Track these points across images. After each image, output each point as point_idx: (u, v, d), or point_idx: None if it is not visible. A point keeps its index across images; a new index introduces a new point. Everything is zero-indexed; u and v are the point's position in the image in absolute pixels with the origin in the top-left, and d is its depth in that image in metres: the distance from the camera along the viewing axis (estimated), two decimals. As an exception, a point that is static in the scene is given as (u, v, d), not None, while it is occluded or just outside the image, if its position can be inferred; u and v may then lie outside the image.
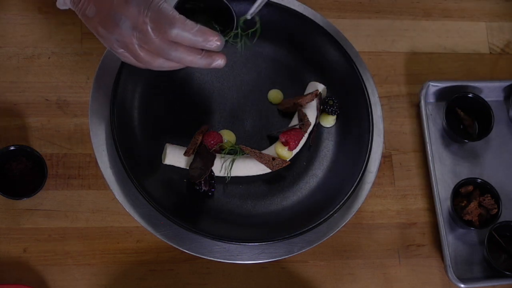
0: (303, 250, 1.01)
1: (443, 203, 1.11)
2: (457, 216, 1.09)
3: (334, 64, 1.10)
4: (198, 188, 1.01)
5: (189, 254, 0.99)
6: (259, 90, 1.10)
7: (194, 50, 0.87)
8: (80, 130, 1.08)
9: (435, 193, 1.11)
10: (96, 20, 0.87)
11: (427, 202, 1.13)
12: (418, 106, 1.18)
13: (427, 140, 1.13)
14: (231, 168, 1.02)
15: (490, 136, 1.15)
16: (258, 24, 0.96)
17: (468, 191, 1.12)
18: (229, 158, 1.02)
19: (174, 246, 0.98)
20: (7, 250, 1.02)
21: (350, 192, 1.02)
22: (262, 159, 1.02)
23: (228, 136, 1.05)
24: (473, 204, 1.09)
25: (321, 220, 1.00)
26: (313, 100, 1.06)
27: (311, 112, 1.06)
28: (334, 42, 1.09)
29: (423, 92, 1.16)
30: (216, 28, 0.93)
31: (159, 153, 1.03)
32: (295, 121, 1.06)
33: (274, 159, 1.02)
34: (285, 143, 1.03)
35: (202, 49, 0.87)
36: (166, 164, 1.02)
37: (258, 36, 0.97)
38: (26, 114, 1.08)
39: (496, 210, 1.10)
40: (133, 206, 0.99)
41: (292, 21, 1.09)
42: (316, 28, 1.09)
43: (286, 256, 1.01)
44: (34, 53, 1.11)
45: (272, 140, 1.07)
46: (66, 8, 0.94)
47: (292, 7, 1.10)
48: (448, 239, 1.10)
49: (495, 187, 1.11)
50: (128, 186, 0.99)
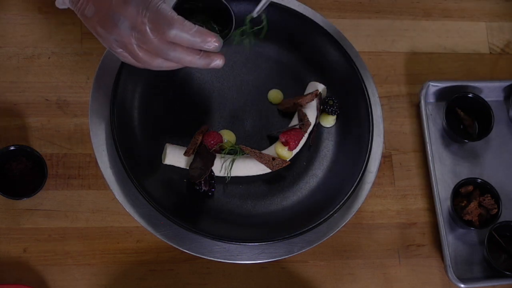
0: (303, 250, 1.01)
1: (443, 203, 1.11)
2: (457, 216, 1.09)
3: (334, 64, 1.10)
4: (198, 188, 1.01)
5: (189, 254, 0.99)
6: (259, 90, 1.10)
7: (193, 50, 0.87)
8: (80, 130, 1.08)
9: (435, 193, 1.11)
10: (95, 20, 0.87)
11: (427, 202, 1.13)
12: (418, 106, 1.18)
13: (427, 140, 1.13)
14: (231, 168, 1.02)
15: (490, 136, 1.15)
16: (264, 22, 0.96)
17: (468, 191, 1.12)
18: (229, 158, 1.02)
19: (174, 246, 0.98)
20: (7, 250, 1.02)
21: (350, 192, 1.02)
22: (262, 159, 1.02)
23: (228, 136, 1.05)
24: (473, 204, 1.09)
25: (321, 220, 1.00)
26: (313, 100, 1.06)
27: (311, 112, 1.06)
28: (334, 42, 1.09)
29: (423, 92, 1.16)
30: (214, 28, 0.93)
31: (159, 153, 1.03)
32: (295, 121, 1.06)
33: (274, 159, 1.02)
34: (285, 143, 1.03)
35: (201, 49, 0.87)
36: (166, 164, 1.02)
37: (265, 34, 0.97)
38: (26, 114, 1.08)
39: (496, 210, 1.10)
40: (133, 206, 0.99)
41: (292, 21, 1.09)
42: (316, 28, 1.09)
43: (286, 256, 1.01)
44: (34, 53, 1.11)
45: (272, 140, 1.07)
46: (65, 7, 0.94)
47: (292, 7, 1.10)
48: (448, 239, 1.10)
49: (495, 187, 1.11)
50: (128, 186, 0.99)
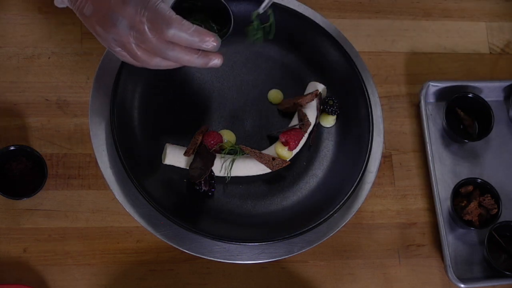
0: (303, 250, 1.01)
1: (443, 203, 1.11)
2: (457, 216, 1.09)
3: (334, 64, 1.10)
4: (198, 188, 1.01)
5: (189, 254, 0.99)
6: (259, 90, 1.10)
7: (191, 49, 0.87)
8: (80, 130, 1.08)
9: (435, 193, 1.11)
10: (94, 19, 0.87)
11: (427, 202, 1.13)
12: (418, 106, 1.18)
13: (427, 140, 1.13)
14: (231, 168, 1.02)
15: (490, 136, 1.15)
16: (271, 19, 0.97)
17: (468, 191, 1.12)
18: (229, 158, 1.02)
19: (174, 246, 0.98)
20: (7, 250, 1.02)
21: (350, 192, 1.02)
22: (262, 159, 1.02)
23: (228, 136, 1.05)
24: (473, 204, 1.09)
25: (321, 220, 1.00)
26: (313, 100, 1.06)
27: (311, 112, 1.06)
28: (334, 42, 1.09)
29: (423, 92, 1.16)
30: (213, 27, 0.94)
31: (159, 153, 1.03)
32: (295, 121, 1.06)
33: (274, 159, 1.02)
34: (285, 143, 1.03)
35: (199, 49, 0.87)
36: (166, 164, 1.02)
37: (274, 32, 0.97)
38: (26, 114, 1.08)
39: (496, 210, 1.10)
40: (133, 206, 0.99)
41: (292, 21, 1.09)
42: (316, 28, 1.09)
43: (286, 256, 1.01)
44: (34, 53, 1.11)
45: (272, 140, 1.07)
46: (64, 6, 0.94)
47: (292, 7, 1.10)
48: (448, 239, 1.10)
49: (495, 187, 1.11)
50: (128, 186, 0.99)
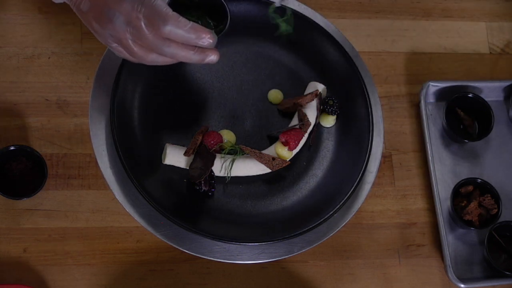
0: (303, 250, 1.01)
1: (443, 203, 1.11)
2: (457, 216, 1.09)
3: (334, 64, 1.10)
4: (198, 188, 1.01)
5: (189, 254, 0.99)
6: (259, 90, 1.10)
7: (187, 46, 0.87)
8: (80, 130, 1.08)
9: (435, 193, 1.11)
10: (91, 15, 0.87)
11: (427, 202, 1.13)
12: (418, 106, 1.18)
13: (427, 140, 1.13)
14: (231, 168, 1.02)
15: (490, 136, 1.15)
16: (289, 12, 0.99)
17: (468, 191, 1.12)
18: (229, 158, 1.02)
19: (174, 246, 0.98)
20: (7, 250, 1.02)
21: (350, 192, 1.01)
22: (262, 159, 1.02)
23: (228, 136, 1.05)
24: (473, 204, 1.09)
25: (321, 220, 1.00)
26: (313, 100, 1.06)
27: (311, 112, 1.06)
28: (334, 42, 1.09)
29: (423, 92, 1.16)
30: (210, 24, 0.93)
31: (159, 153, 1.03)
32: (295, 121, 1.06)
33: (274, 159, 1.02)
34: (285, 143, 1.03)
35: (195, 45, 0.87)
36: (166, 164, 1.02)
37: (292, 21, 1.00)
38: (26, 114, 1.08)
39: (496, 210, 1.10)
40: (133, 206, 0.99)
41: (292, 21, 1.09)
42: (316, 28, 1.09)
43: (286, 256, 1.01)
44: (34, 53, 1.11)
45: (272, 140, 1.07)
46: (61, 1, 0.93)
47: (292, 7, 1.10)
48: (448, 239, 1.10)
49: (495, 187, 1.11)
50: (128, 186, 0.99)
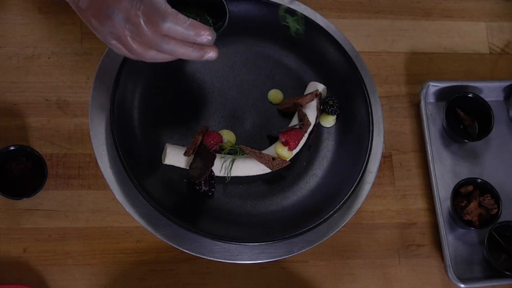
0: (303, 250, 1.01)
1: (443, 203, 1.11)
2: (457, 216, 1.09)
3: (334, 64, 1.10)
4: (198, 188, 1.01)
5: (189, 254, 0.99)
6: (259, 90, 1.10)
7: (186, 43, 0.87)
8: (80, 130, 1.08)
9: (435, 193, 1.11)
10: (89, 12, 0.86)
11: (427, 202, 1.13)
12: (418, 106, 1.18)
13: (427, 140, 1.13)
14: (231, 168, 1.02)
15: (490, 136, 1.15)
16: (299, 13, 1.01)
17: (468, 191, 1.12)
18: (229, 158, 1.02)
19: (174, 246, 0.98)
20: (7, 250, 1.02)
21: (350, 192, 1.01)
22: (262, 159, 1.02)
23: (228, 136, 1.05)
24: (473, 204, 1.09)
25: (321, 220, 1.00)
26: (313, 100, 1.06)
27: (311, 112, 1.06)
28: (334, 42, 1.09)
29: (423, 92, 1.16)
30: (208, 21, 0.93)
31: (159, 153, 1.03)
32: (295, 121, 1.06)
33: (274, 159, 1.02)
34: (285, 143, 1.03)
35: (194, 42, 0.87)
36: (166, 164, 1.02)
37: (303, 21, 1.02)
38: (26, 114, 1.08)
39: (496, 210, 1.10)
40: (133, 206, 0.99)
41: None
42: (316, 28, 1.09)
43: (286, 256, 1.01)
44: (34, 53, 1.11)
45: (272, 140, 1.07)
46: None
47: (292, 7, 1.10)
48: (448, 239, 1.10)
49: (495, 187, 1.11)
50: (128, 186, 0.99)
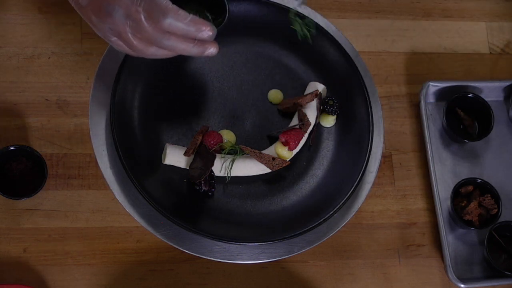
0: (303, 250, 1.01)
1: (443, 203, 1.11)
2: (457, 216, 1.09)
3: (334, 64, 1.10)
4: (198, 188, 1.01)
5: (189, 254, 0.99)
6: (259, 90, 1.10)
7: (187, 39, 0.87)
8: (80, 130, 1.08)
9: (435, 193, 1.11)
10: (89, 8, 0.86)
11: (427, 202, 1.13)
12: (418, 106, 1.18)
13: (427, 140, 1.13)
14: (231, 168, 1.02)
15: (490, 136, 1.15)
16: (307, 17, 1.02)
17: (468, 191, 1.12)
18: (229, 158, 1.02)
19: (174, 246, 0.98)
20: (7, 250, 1.02)
21: (350, 192, 1.01)
22: (262, 159, 1.02)
23: (228, 136, 1.05)
24: (473, 204, 1.09)
25: (321, 220, 1.00)
26: (313, 100, 1.06)
27: (311, 112, 1.06)
28: (334, 42, 1.09)
29: (423, 92, 1.16)
30: (208, 17, 0.93)
31: (159, 153, 1.03)
32: (295, 121, 1.06)
33: (274, 159, 1.02)
34: (285, 143, 1.03)
35: (195, 38, 0.87)
36: (166, 164, 1.02)
37: (313, 24, 1.03)
38: (26, 114, 1.08)
39: (496, 210, 1.10)
40: (133, 206, 0.99)
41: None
42: (316, 28, 1.09)
43: (286, 256, 1.01)
44: (34, 53, 1.11)
45: (272, 140, 1.07)
46: None
47: (292, 7, 1.10)
48: (448, 239, 1.10)
49: (495, 187, 1.11)
50: (128, 186, 0.99)
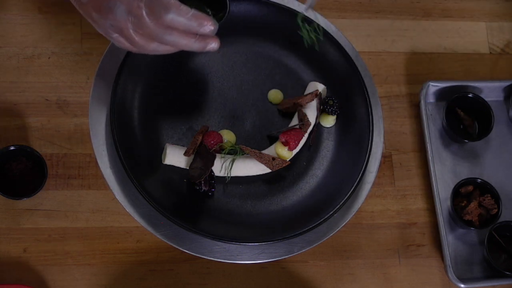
0: (303, 250, 1.01)
1: (443, 203, 1.11)
2: (457, 216, 1.09)
3: (334, 64, 1.10)
4: (198, 188, 1.01)
5: (189, 254, 0.99)
6: (259, 90, 1.10)
7: (189, 34, 0.86)
8: (80, 130, 1.08)
9: (435, 193, 1.11)
10: (90, 5, 0.86)
11: (427, 202, 1.13)
12: (418, 106, 1.18)
13: (427, 140, 1.13)
14: (231, 168, 1.02)
15: (490, 136, 1.15)
16: (315, 23, 1.02)
17: (468, 191, 1.12)
18: (229, 158, 1.02)
19: (174, 246, 0.98)
20: (7, 250, 1.02)
21: (350, 192, 1.01)
22: (262, 159, 1.02)
23: (228, 136, 1.05)
24: (473, 204, 1.09)
25: (321, 220, 1.00)
26: (313, 100, 1.06)
27: (311, 112, 1.06)
28: (334, 42, 1.09)
29: (423, 92, 1.16)
30: (208, 12, 0.93)
31: (159, 153, 1.03)
32: (295, 121, 1.06)
33: (274, 159, 1.02)
34: (285, 143, 1.03)
35: (196, 33, 0.87)
36: (166, 164, 1.02)
37: (321, 29, 1.03)
38: (26, 114, 1.08)
39: (496, 210, 1.10)
40: (133, 206, 0.99)
41: (292, 21, 1.09)
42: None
43: (286, 256, 1.01)
44: (34, 53, 1.11)
45: (272, 140, 1.07)
46: None
47: (292, 7, 1.10)
48: (448, 239, 1.10)
49: (495, 187, 1.11)
50: (128, 186, 0.99)
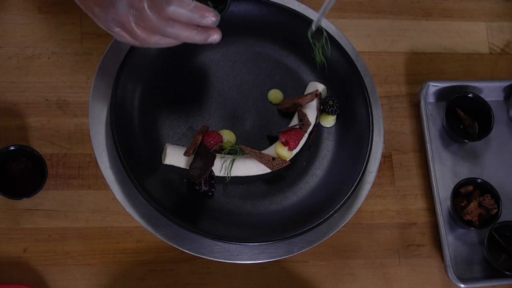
0: (303, 250, 1.01)
1: (443, 203, 1.11)
2: (457, 216, 1.09)
3: (334, 64, 1.10)
4: (198, 188, 1.01)
5: (189, 254, 0.99)
6: (259, 90, 1.10)
7: (190, 26, 0.86)
8: (80, 130, 1.08)
9: (435, 193, 1.11)
10: (91, 0, 0.86)
11: (427, 202, 1.13)
12: (418, 106, 1.18)
13: (427, 140, 1.13)
14: (231, 168, 1.02)
15: (490, 136, 1.15)
16: (324, 33, 1.03)
17: (468, 191, 1.12)
18: (229, 158, 1.02)
19: (174, 246, 0.98)
20: (7, 250, 1.02)
21: (350, 192, 1.01)
22: (262, 159, 1.02)
23: (228, 136, 1.05)
24: (473, 204, 1.09)
25: (321, 220, 1.00)
26: (313, 100, 1.06)
27: (311, 112, 1.06)
28: (334, 42, 1.09)
29: (423, 92, 1.16)
30: (209, 5, 0.94)
31: (159, 153, 1.03)
32: (295, 121, 1.06)
33: (274, 159, 1.02)
34: (285, 143, 1.03)
35: (198, 25, 0.87)
36: (166, 164, 1.02)
37: (329, 44, 1.05)
38: (26, 114, 1.08)
39: (496, 210, 1.10)
40: (133, 206, 0.99)
41: (292, 21, 1.09)
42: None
43: (286, 256, 1.01)
44: (34, 53, 1.11)
45: (272, 140, 1.07)
46: None
47: (292, 7, 1.10)
48: (448, 239, 1.10)
49: (495, 187, 1.11)
50: (128, 186, 0.99)
